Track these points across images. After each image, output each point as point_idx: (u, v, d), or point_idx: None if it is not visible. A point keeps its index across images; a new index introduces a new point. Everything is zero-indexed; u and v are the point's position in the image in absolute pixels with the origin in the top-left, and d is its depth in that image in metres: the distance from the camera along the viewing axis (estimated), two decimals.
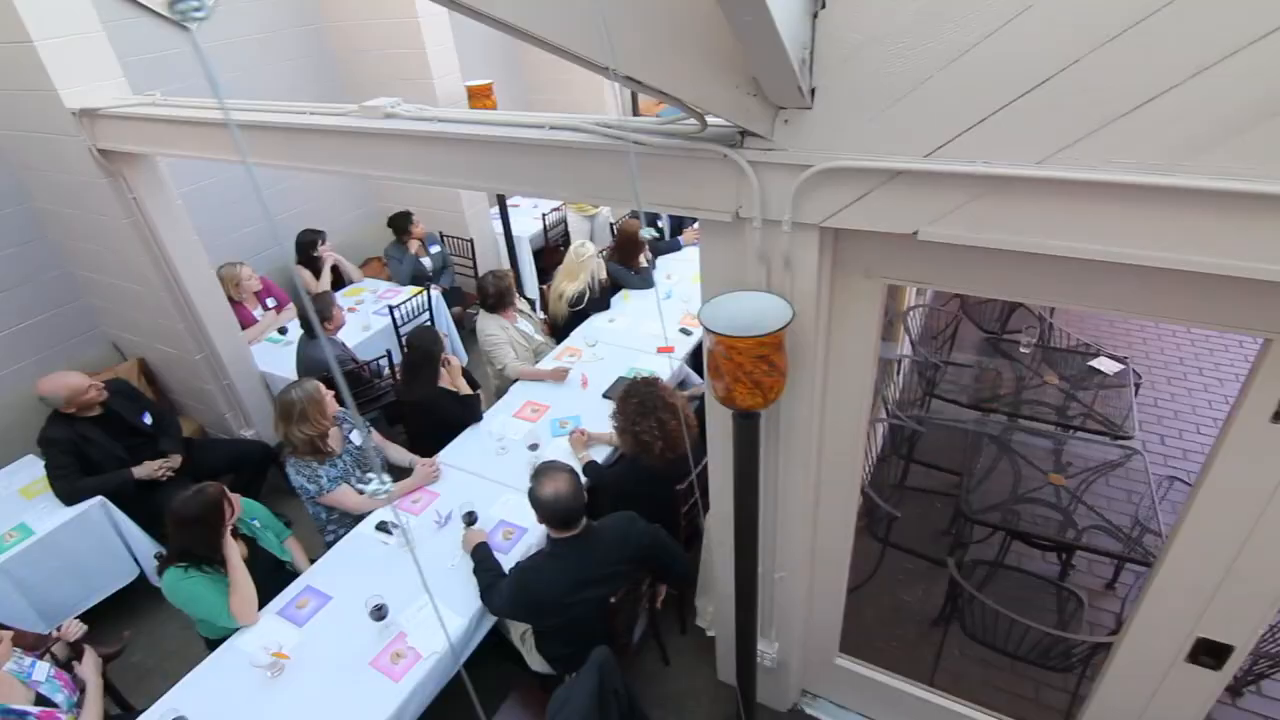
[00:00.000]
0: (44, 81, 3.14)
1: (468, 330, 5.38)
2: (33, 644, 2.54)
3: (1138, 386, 3.78)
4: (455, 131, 2.11)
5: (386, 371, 4.20)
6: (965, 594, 2.75)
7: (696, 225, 5.40)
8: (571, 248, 4.42)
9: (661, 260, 5.00)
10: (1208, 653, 1.93)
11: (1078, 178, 1.35)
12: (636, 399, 2.78)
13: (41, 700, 2.33)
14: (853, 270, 1.85)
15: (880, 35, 1.42)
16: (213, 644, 2.76)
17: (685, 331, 4.17)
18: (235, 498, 2.66)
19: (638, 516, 2.54)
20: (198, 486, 2.54)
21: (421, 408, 3.60)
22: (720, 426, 2.21)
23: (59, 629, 2.56)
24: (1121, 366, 3.75)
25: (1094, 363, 3.81)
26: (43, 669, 2.40)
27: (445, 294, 5.20)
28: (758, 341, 1.63)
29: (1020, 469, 3.29)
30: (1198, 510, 1.74)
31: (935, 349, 4.49)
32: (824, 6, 1.44)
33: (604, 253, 4.72)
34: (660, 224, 5.33)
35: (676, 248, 5.19)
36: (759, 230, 1.72)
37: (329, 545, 3.15)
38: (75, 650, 2.56)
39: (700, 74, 1.47)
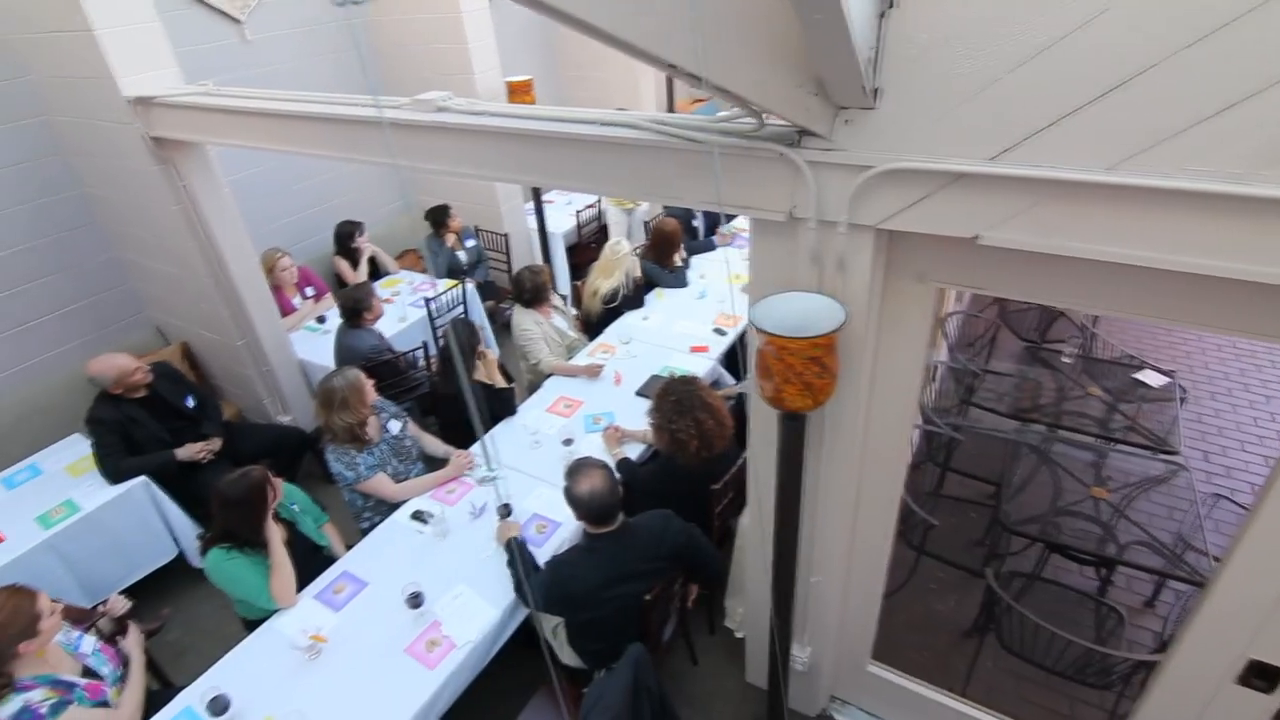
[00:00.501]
0: (102, 69, 3.22)
1: (500, 324, 5.42)
2: (79, 617, 2.61)
3: (1182, 401, 3.69)
4: (508, 126, 2.12)
5: (422, 363, 4.25)
6: (1002, 605, 2.71)
7: (729, 227, 5.39)
8: (608, 245, 4.43)
9: (695, 260, 4.99)
10: (1259, 675, 1.88)
11: (1150, 185, 1.32)
12: (674, 397, 2.78)
13: (88, 672, 2.38)
14: (906, 274, 1.83)
15: (950, 36, 1.40)
16: (251, 625, 2.81)
17: (719, 331, 4.16)
18: (278, 482, 2.71)
19: (674, 515, 2.54)
20: (243, 470, 2.59)
21: (458, 399, 3.62)
22: (763, 427, 2.20)
23: (105, 604, 2.61)
24: (1167, 380, 3.67)
25: (1139, 375, 3.73)
26: (89, 642, 2.46)
27: (479, 288, 5.24)
28: (810, 343, 1.62)
29: (1061, 481, 3.24)
30: (1256, 530, 1.70)
31: (972, 355, 4.42)
32: (893, 5, 1.42)
33: (638, 250, 4.72)
34: (695, 223, 5.31)
35: (711, 248, 5.17)
36: (814, 231, 1.71)
37: (364, 532, 3.19)
38: (120, 625, 2.61)
39: (762, 72, 1.46)
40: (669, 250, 4.66)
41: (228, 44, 4.58)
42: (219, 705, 2.24)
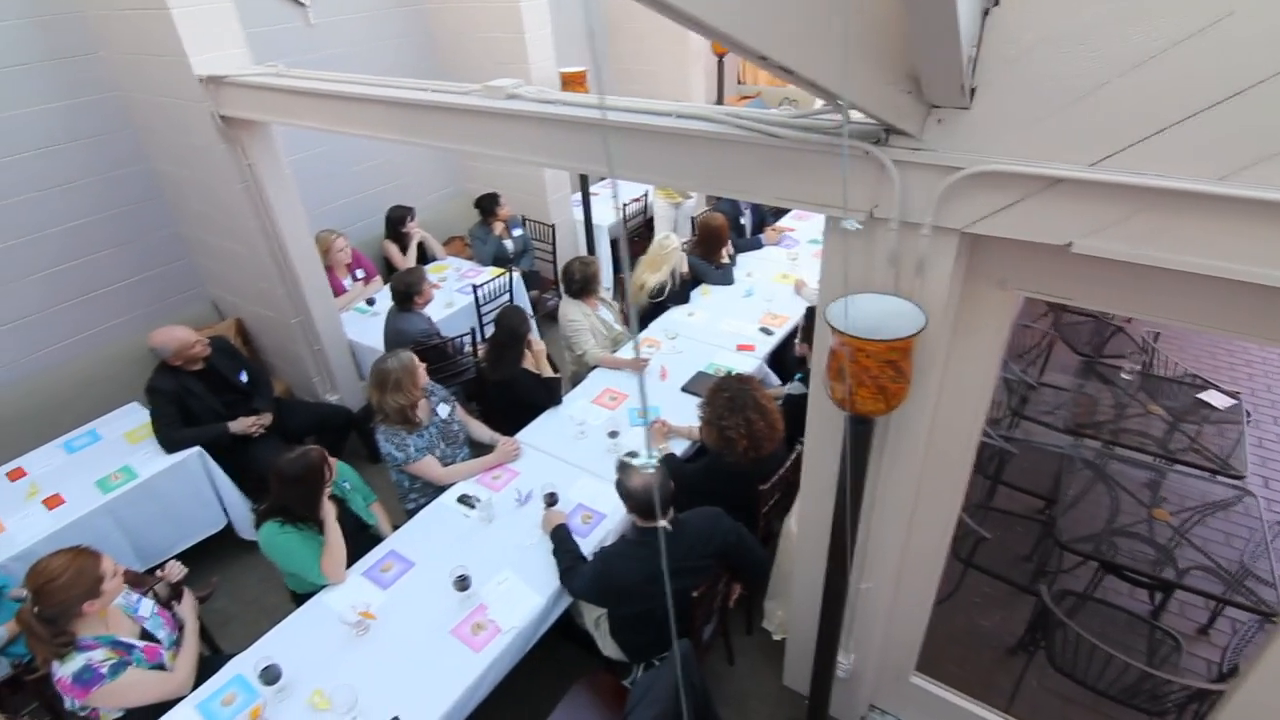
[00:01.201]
0: (176, 47, 3.28)
1: (543, 314, 5.44)
2: (137, 581, 2.68)
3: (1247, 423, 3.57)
4: (579, 116, 2.12)
5: (468, 348, 4.28)
6: (1054, 623, 2.65)
7: (778, 224, 5.34)
8: (656, 239, 4.42)
9: (741, 258, 4.95)
10: None
11: (1267, 198, 1.27)
12: (727, 394, 2.76)
13: (145, 635, 2.45)
14: (986, 280, 1.79)
15: (1056, 36, 1.36)
16: (299, 598, 2.86)
17: (766, 331, 4.12)
18: (333, 461, 2.75)
19: (724, 513, 2.52)
20: (302, 450, 2.63)
21: (504, 386, 3.64)
22: (823, 430, 2.17)
23: (162, 569, 2.68)
24: (1233, 402, 3.55)
25: (1202, 396, 3.61)
26: (147, 605, 2.53)
27: (524, 277, 5.27)
28: (889, 346, 1.59)
29: (1119, 499, 3.15)
30: None
31: (1024, 366, 4.33)
32: (997, 3, 1.38)
33: (685, 245, 4.70)
34: (743, 220, 5.27)
35: (758, 245, 5.13)
36: (894, 232, 1.68)
37: (409, 513, 3.23)
38: (175, 591, 2.68)
39: (855, 67, 1.43)
40: (716, 245, 4.63)
41: (292, 27, 4.66)
42: (271, 675, 2.29)
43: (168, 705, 2.34)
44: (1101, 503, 3.35)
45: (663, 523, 2.36)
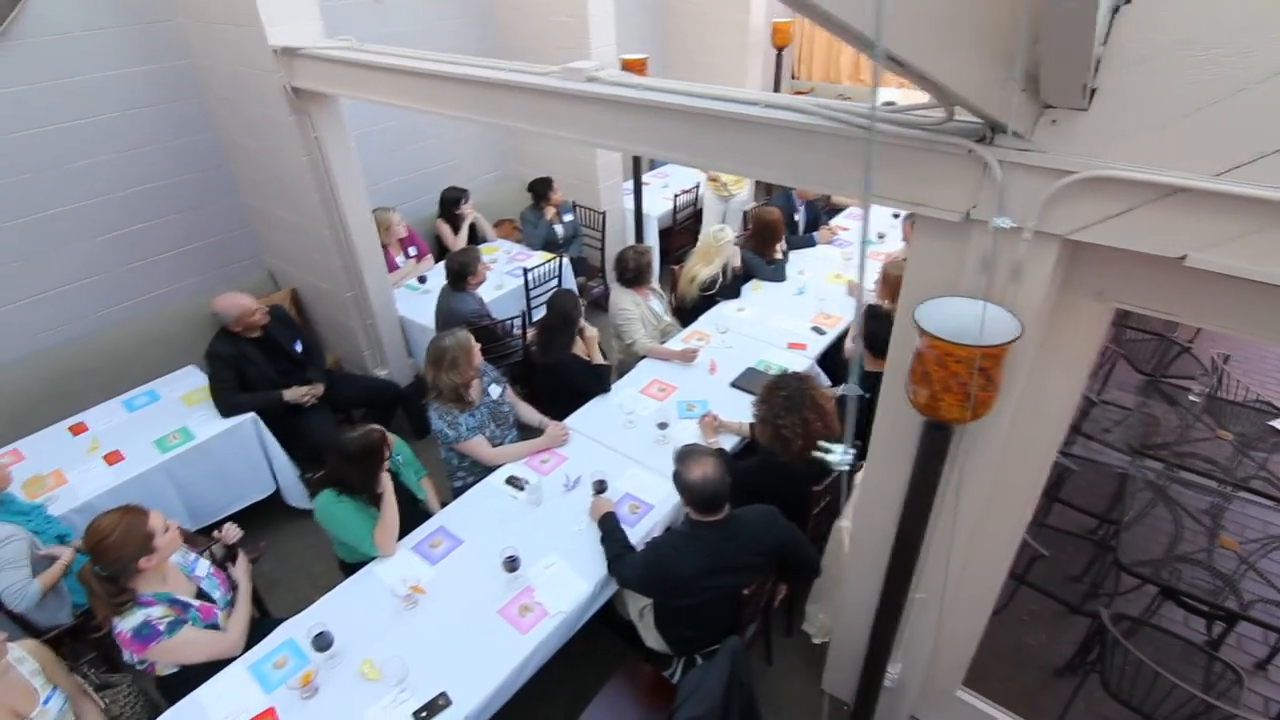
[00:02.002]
0: (252, 17, 3.32)
1: (588, 301, 5.44)
2: (192, 541, 2.74)
3: None
4: (661, 100, 2.09)
5: (517, 331, 4.29)
6: (1110, 646, 2.57)
7: (833, 223, 5.25)
8: (710, 231, 4.37)
9: (793, 255, 4.88)
10: None
11: None
12: (785, 392, 2.72)
13: (201, 594, 2.50)
14: (1082, 289, 1.72)
15: (1192, 38, 1.29)
16: (347, 567, 2.90)
17: (818, 330, 4.06)
18: (392, 440, 2.77)
19: (779, 512, 2.49)
20: (365, 428, 2.65)
21: (552, 370, 3.64)
22: (892, 434, 2.12)
23: (219, 530, 2.73)
24: None
25: (1275, 423, 3.47)
26: (203, 566, 2.58)
27: (571, 263, 5.26)
28: (983, 352, 1.54)
29: (1182, 524, 3.04)
30: None
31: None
32: (1129, 1, 1.32)
33: (738, 239, 4.65)
34: (796, 217, 5.19)
35: (811, 243, 5.05)
36: (992, 235, 1.62)
37: (456, 491, 3.26)
38: (230, 553, 2.73)
39: (968, 61, 1.38)
40: (770, 240, 4.57)
41: (359, 3, 4.69)
42: (323, 641, 2.32)
43: (220, 664, 2.39)
44: (1159, 527, 3.25)
45: (717, 517, 2.34)
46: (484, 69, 2.56)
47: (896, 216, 5.41)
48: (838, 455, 1.39)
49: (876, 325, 3.15)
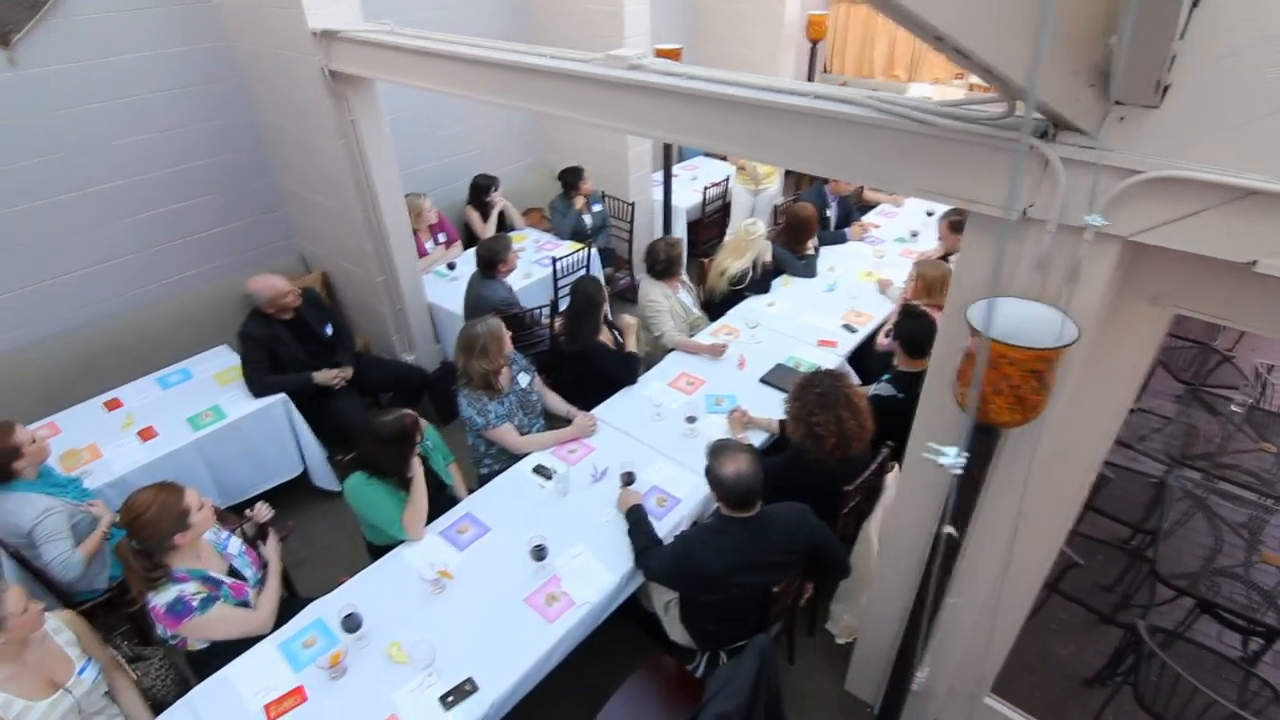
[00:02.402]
0: (293, 0, 3.32)
1: (613, 292, 5.41)
2: (224, 519, 2.77)
3: None
4: (707, 90, 2.06)
5: (544, 320, 4.29)
6: (1144, 657, 2.52)
7: (865, 220, 5.18)
8: (742, 225, 4.32)
9: (824, 251, 4.81)
10: None
11: None
12: (819, 390, 2.68)
13: (233, 572, 2.52)
14: (1138, 294, 1.67)
15: (1277, 35, 1.24)
16: (375, 550, 2.92)
17: (849, 328, 4.00)
18: (424, 425, 2.78)
19: (810, 510, 2.46)
20: (398, 412, 2.66)
21: (579, 358, 3.63)
22: (933, 435, 2.07)
23: (251, 509, 2.76)
24: None
25: None
26: (235, 544, 2.61)
27: (599, 253, 5.24)
28: (1036, 355, 1.50)
29: (1222, 536, 2.97)
30: None
31: None
32: None
33: (769, 234, 4.60)
34: (828, 213, 5.13)
35: (842, 240, 4.99)
36: (1050, 234, 1.58)
37: (482, 478, 3.26)
38: (261, 532, 2.76)
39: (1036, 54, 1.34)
40: (802, 236, 4.52)
41: None
42: (352, 623, 2.33)
43: (250, 641, 2.41)
44: (1194, 539, 3.17)
45: (749, 514, 2.32)
46: (525, 55, 2.54)
47: (930, 214, 5.33)
48: (950, 458, 1.37)
49: (912, 325, 3.10)
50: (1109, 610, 3.22)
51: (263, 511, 2.75)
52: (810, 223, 4.48)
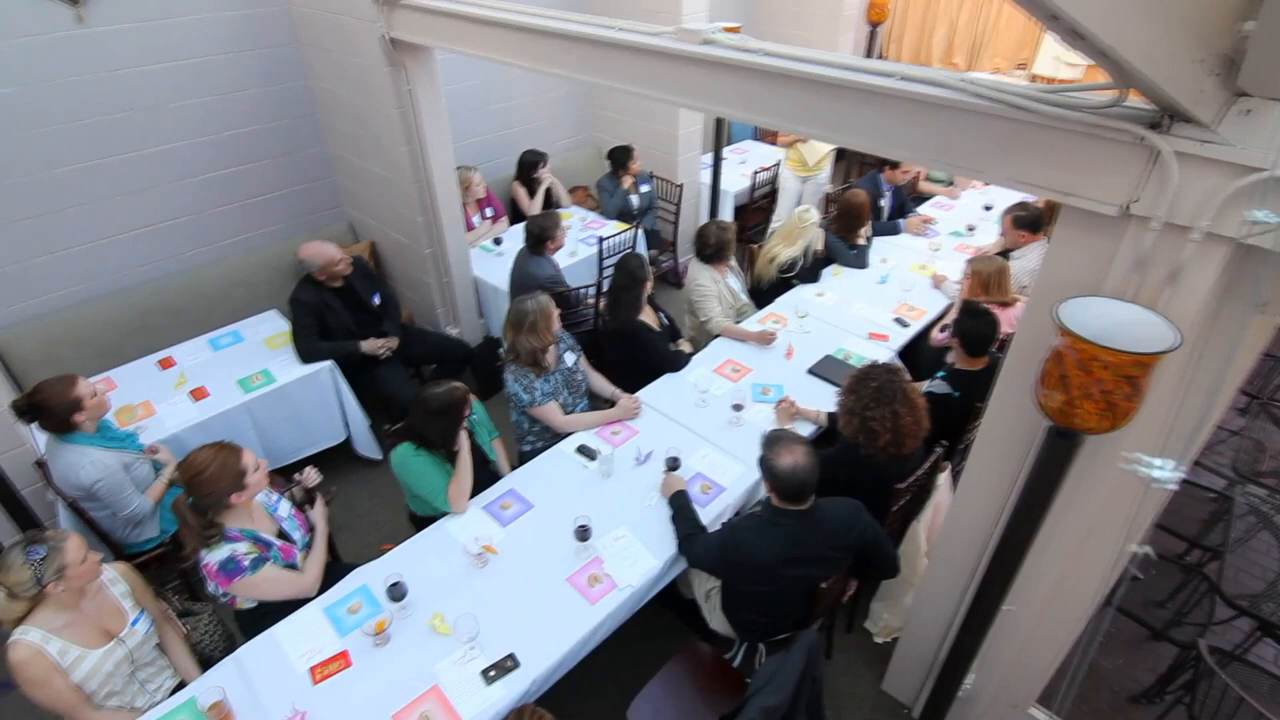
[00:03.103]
0: None
1: (655, 274, 5.34)
2: (273, 482, 2.80)
3: None
4: (784, 68, 1.98)
5: (589, 300, 4.25)
6: (1202, 677, 2.43)
7: (920, 213, 5.03)
8: (795, 211, 4.23)
9: (876, 242, 4.69)
10: None
11: None
12: (876, 384, 2.61)
13: (282, 534, 2.55)
14: (1242, 300, 1.57)
15: None
16: (418, 520, 2.94)
17: (901, 322, 3.90)
18: (472, 398, 2.77)
19: (863, 507, 2.40)
20: (449, 385, 2.65)
21: (624, 338, 3.59)
22: (1002, 437, 2.01)
23: (299, 473, 2.78)
24: None
25: None
26: (285, 506, 2.63)
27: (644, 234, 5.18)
28: (1134, 360, 1.41)
29: None
30: None
31: None
32: None
33: (822, 222, 4.49)
34: (881, 202, 4.99)
35: (895, 231, 4.86)
36: (1155, 233, 1.48)
37: (524, 455, 3.26)
38: (309, 496, 2.78)
39: (1158, 39, 1.25)
40: (855, 225, 4.41)
41: None
42: (398, 592, 2.35)
43: (296, 603, 2.44)
44: (1254, 559, 3.05)
45: (800, 507, 2.27)
46: (595, 27, 2.48)
47: (988, 209, 5.16)
48: (1165, 472, 1.29)
49: (974, 323, 3.00)
50: (1161, 626, 3.12)
51: (311, 476, 2.77)
52: (864, 211, 4.37)
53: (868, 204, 4.40)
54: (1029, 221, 3.89)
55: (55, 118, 3.56)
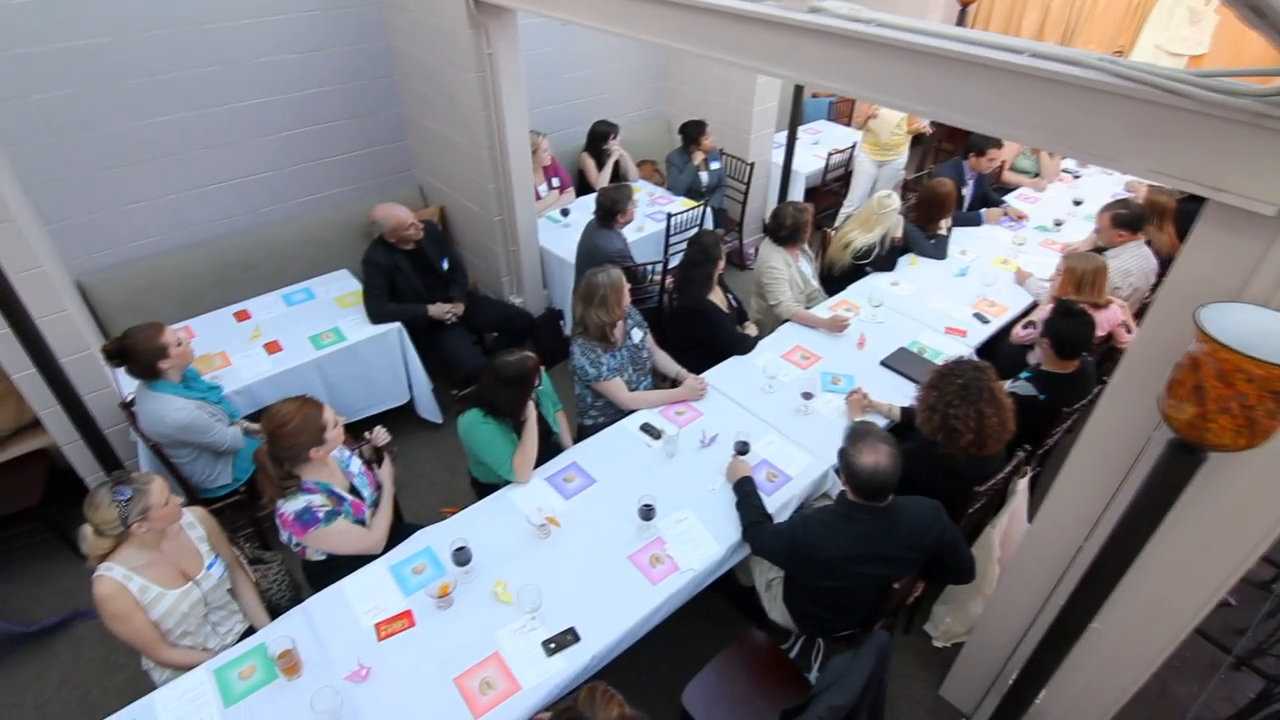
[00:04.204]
0: None
1: None
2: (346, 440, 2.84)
3: None
4: (900, 39, 1.86)
5: (654, 277, 4.19)
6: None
7: (1007, 202, 4.80)
8: (875, 197, 4.07)
9: (956, 232, 4.49)
10: None
11: None
12: (961, 381, 2.49)
13: (353, 490, 2.59)
14: None
15: None
16: (480, 487, 2.96)
17: (981, 318, 3.74)
18: (541, 370, 2.76)
19: (943, 509, 2.31)
20: (521, 354, 2.63)
21: (691, 316, 3.51)
22: (1107, 445, 1.89)
23: (369, 432, 2.82)
24: None
25: None
26: (356, 463, 2.67)
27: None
28: None
29: None
30: None
31: None
32: None
33: (902, 209, 4.32)
34: (963, 192, 4.77)
35: (977, 222, 4.65)
36: None
37: (585, 429, 3.24)
38: (377, 454, 2.82)
39: None
40: (937, 215, 4.23)
41: None
42: (463, 557, 2.36)
43: (362, 559, 2.48)
44: None
45: (881, 504, 2.19)
46: None
47: (1078, 204, 4.90)
48: None
49: (1069, 324, 2.84)
50: (1244, 655, 2.95)
51: (381, 435, 2.81)
52: (948, 200, 4.18)
53: (953, 193, 4.21)
54: (1129, 220, 3.65)
55: (146, 69, 3.64)
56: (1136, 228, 3.69)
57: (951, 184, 4.19)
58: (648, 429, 3.01)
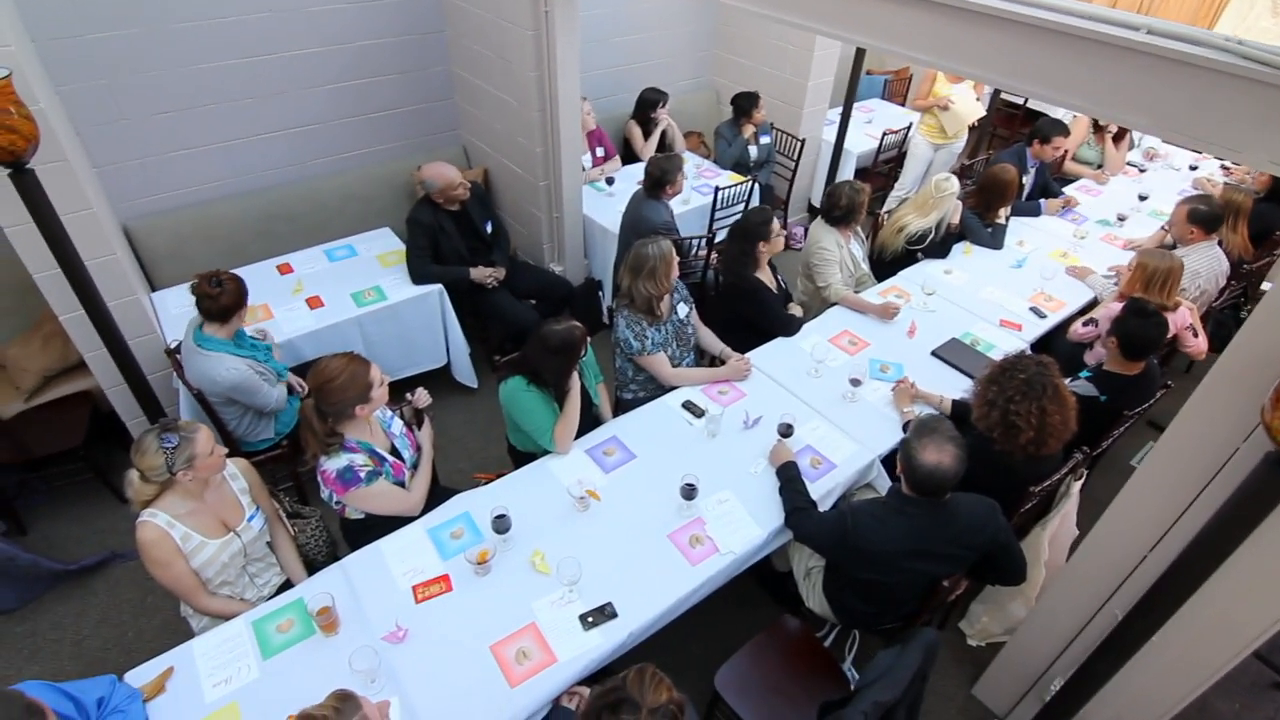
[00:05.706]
0: None
1: None
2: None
3: None
4: (998, 8, 1.74)
5: (699, 252, 4.10)
6: None
7: (1063, 197, 4.62)
8: (934, 180, 3.91)
9: (1014, 222, 4.32)
10: None
11: None
12: (1024, 375, 2.39)
13: (393, 451, 2.57)
14: None
15: None
16: (517, 455, 2.93)
17: (1038, 312, 3.60)
18: (587, 340, 2.70)
19: (999, 509, 2.23)
20: (569, 324, 2.57)
21: (738, 294, 3.42)
22: (1186, 453, 1.79)
23: (411, 394, 2.79)
24: None
25: None
26: (398, 425, 2.65)
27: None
28: None
29: None
30: None
31: None
32: None
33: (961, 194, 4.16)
34: (1024, 179, 4.59)
35: (1035, 212, 4.48)
36: None
37: (624, 402, 3.20)
38: (418, 417, 2.80)
39: None
40: (997, 203, 4.07)
41: None
42: (503, 525, 2.33)
43: (399, 520, 2.47)
44: None
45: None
46: None
47: (1143, 199, 4.69)
48: None
49: (1139, 324, 2.72)
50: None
51: (423, 397, 2.78)
52: (1010, 188, 4.02)
53: (1015, 181, 4.03)
54: (1207, 218, 3.47)
55: (196, 13, 3.58)
56: (1212, 227, 3.51)
57: (1015, 171, 4.02)
58: (690, 406, 2.96)
